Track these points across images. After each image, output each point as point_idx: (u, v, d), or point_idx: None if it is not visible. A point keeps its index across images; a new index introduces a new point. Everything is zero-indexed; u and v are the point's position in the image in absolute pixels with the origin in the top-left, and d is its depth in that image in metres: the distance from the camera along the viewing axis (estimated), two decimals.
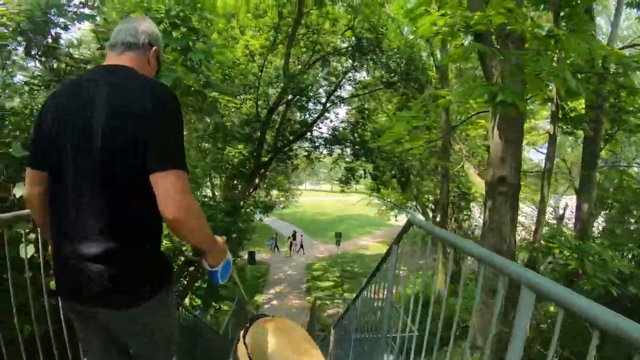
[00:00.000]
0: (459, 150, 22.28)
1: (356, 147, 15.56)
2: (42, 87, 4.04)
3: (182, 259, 10.23)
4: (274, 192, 31.18)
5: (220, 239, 1.92)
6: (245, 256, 30.15)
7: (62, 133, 1.62)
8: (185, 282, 11.82)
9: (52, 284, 1.80)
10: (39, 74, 3.48)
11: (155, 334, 1.88)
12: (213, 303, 14.77)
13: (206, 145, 16.53)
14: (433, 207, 32.91)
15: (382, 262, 4.19)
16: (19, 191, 3.03)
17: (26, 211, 2.04)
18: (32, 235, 2.69)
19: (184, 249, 9.80)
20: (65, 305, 1.96)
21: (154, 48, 1.84)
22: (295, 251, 34.24)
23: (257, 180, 16.42)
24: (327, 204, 58.90)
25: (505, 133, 5.32)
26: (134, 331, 1.81)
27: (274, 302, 24.31)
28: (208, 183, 22.75)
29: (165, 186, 1.51)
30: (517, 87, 4.64)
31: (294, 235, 34.90)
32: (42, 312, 2.42)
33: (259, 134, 14.35)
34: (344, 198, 36.41)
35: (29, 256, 2.57)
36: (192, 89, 4.99)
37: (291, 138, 15.76)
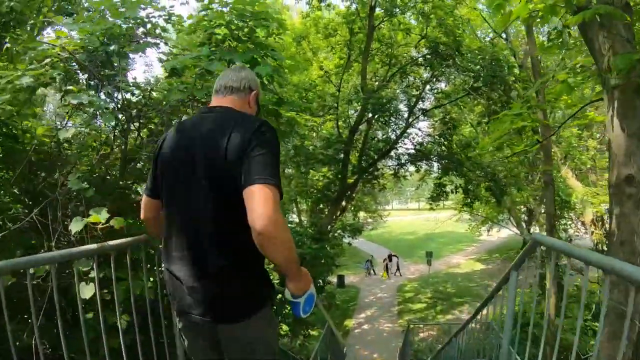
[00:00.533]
0: (553, 155, 20.52)
1: (444, 160, 14.62)
2: (96, 113, 3.86)
3: None
4: (361, 214, 30.64)
5: (305, 270, 1.95)
6: (335, 280, 29.85)
7: (176, 167, 1.87)
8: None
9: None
10: (93, 99, 3.26)
11: (259, 347, 1.94)
12: (301, 330, 14.36)
13: (290, 170, 16.43)
14: (526, 218, 30.88)
15: (496, 290, 3.45)
16: (75, 226, 2.83)
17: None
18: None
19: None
20: (180, 320, 2.05)
21: (253, 92, 2.05)
22: (392, 273, 33.06)
23: (343, 203, 15.97)
24: (415, 222, 57.19)
25: (628, 123, 4.35)
26: (241, 344, 1.90)
27: (365, 327, 23.53)
28: (294, 209, 22.74)
29: (255, 198, 1.59)
30: None
31: (390, 257, 33.75)
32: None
33: (342, 155, 13.94)
34: (432, 216, 35.29)
35: (87, 296, 2.60)
36: (264, 107, 4.60)
37: (375, 157, 15.13)
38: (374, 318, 24.70)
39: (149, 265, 3.09)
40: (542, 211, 23.81)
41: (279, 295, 9.92)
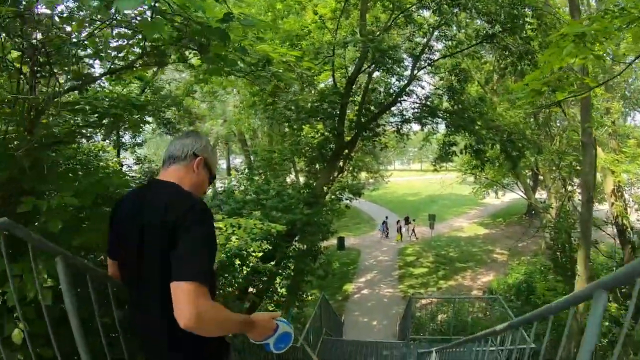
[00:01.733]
0: (571, 117, 18.75)
1: (453, 116, 12.84)
2: None
3: None
4: (363, 175, 29.19)
5: (267, 317, 1.98)
6: (335, 241, 28.81)
7: (123, 236, 1.96)
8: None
9: None
10: None
11: None
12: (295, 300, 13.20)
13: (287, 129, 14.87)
14: (531, 183, 29.32)
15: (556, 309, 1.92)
16: None
17: None
18: None
19: None
20: None
21: (198, 158, 2.02)
22: (408, 237, 31.85)
23: (341, 163, 14.42)
24: (417, 183, 56.12)
25: None
26: None
27: (365, 292, 22.59)
28: (292, 168, 21.26)
29: (178, 296, 1.61)
30: None
31: (406, 220, 32.50)
32: None
33: (338, 109, 12.26)
34: (435, 177, 33.97)
35: None
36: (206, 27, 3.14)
37: (376, 112, 13.36)
38: (374, 283, 23.79)
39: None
40: (552, 176, 22.36)
41: None
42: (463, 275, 24.16)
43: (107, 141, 17.23)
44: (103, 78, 4.68)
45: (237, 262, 7.90)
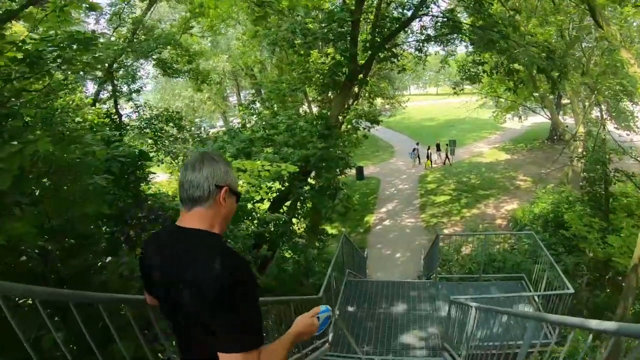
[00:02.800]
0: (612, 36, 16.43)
1: (481, 31, 10.99)
2: None
3: None
4: (378, 101, 27.61)
5: (309, 321, 1.97)
6: (353, 171, 27.82)
7: (156, 281, 1.84)
8: None
9: None
10: None
11: None
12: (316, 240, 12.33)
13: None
14: (555, 106, 27.28)
15: None
16: None
17: None
18: None
19: None
20: None
21: (224, 188, 1.80)
22: (441, 163, 30.59)
23: (356, 89, 12.96)
24: (435, 108, 54.14)
25: None
26: None
27: (386, 223, 21.81)
28: (304, 100, 19.82)
29: None
30: None
31: (437, 146, 31.10)
32: None
33: (349, 29, 10.61)
34: (452, 101, 32.21)
35: None
36: None
37: (393, 29, 11.55)
38: (395, 213, 22.95)
39: None
40: (585, 101, 20.52)
41: None
42: (486, 203, 23.05)
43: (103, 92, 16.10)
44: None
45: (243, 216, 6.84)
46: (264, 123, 10.06)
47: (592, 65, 16.03)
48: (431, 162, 30.05)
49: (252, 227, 7.74)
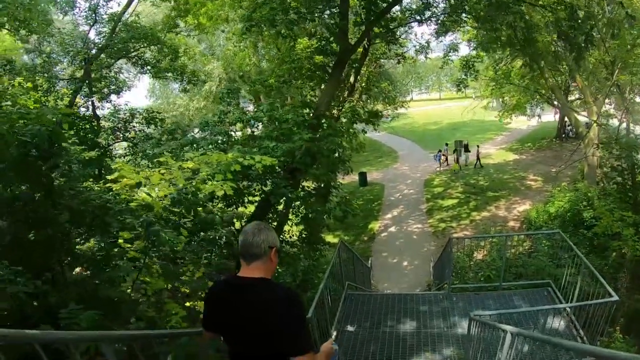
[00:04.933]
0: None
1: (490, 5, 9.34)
2: None
3: None
4: (380, 107, 26.27)
5: (329, 348, 2.62)
6: (356, 177, 26.33)
7: (224, 323, 2.47)
8: None
9: None
10: None
11: None
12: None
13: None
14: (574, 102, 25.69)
15: None
16: None
17: None
18: None
19: None
20: None
21: (273, 249, 2.44)
22: (467, 164, 28.56)
23: (352, 80, 11.49)
24: (438, 112, 52.77)
25: None
26: None
27: (392, 229, 20.21)
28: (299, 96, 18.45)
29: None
30: None
31: (465, 147, 29.08)
32: None
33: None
34: (455, 105, 31.08)
35: None
36: None
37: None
38: (401, 219, 21.35)
39: None
40: (594, 88, 18.96)
41: None
42: (496, 205, 21.41)
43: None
44: None
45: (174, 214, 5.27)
46: (239, 114, 8.53)
47: (608, 40, 14.22)
48: (459, 165, 28.04)
49: (220, 229, 6.23)
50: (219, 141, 8.34)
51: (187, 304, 5.51)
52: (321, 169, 7.95)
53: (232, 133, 9.42)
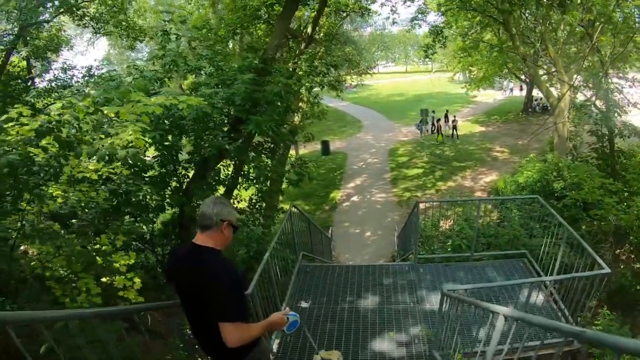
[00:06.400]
0: None
1: None
2: None
3: None
4: (346, 78, 25.26)
5: (280, 315, 2.90)
6: (318, 146, 25.23)
7: (177, 286, 2.76)
8: None
9: None
10: None
11: None
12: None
13: None
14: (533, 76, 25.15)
15: None
16: None
17: None
18: None
19: None
20: None
21: (225, 223, 2.62)
22: (448, 135, 27.67)
23: (309, 30, 10.18)
24: (403, 84, 51.88)
25: None
26: None
27: (354, 199, 19.20)
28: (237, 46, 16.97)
29: (224, 332, 2.44)
30: None
31: (446, 117, 28.17)
32: None
33: None
34: (421, 78, 30.52)
35: None
36: None
37: None
38: (364, 188, 20.37)
39: None
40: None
41: None
42: (462, 175, 20.79)
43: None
44: None
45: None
46: (172, 57, 7.10)
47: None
48: (442, 135, 27.06)
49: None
50: (151, 90, 6.92)
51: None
52: (264, 116, 6.61)
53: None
